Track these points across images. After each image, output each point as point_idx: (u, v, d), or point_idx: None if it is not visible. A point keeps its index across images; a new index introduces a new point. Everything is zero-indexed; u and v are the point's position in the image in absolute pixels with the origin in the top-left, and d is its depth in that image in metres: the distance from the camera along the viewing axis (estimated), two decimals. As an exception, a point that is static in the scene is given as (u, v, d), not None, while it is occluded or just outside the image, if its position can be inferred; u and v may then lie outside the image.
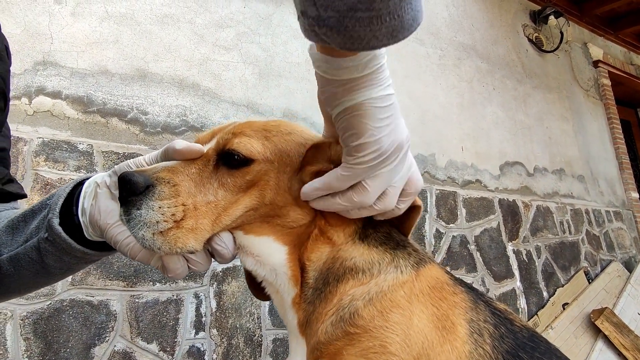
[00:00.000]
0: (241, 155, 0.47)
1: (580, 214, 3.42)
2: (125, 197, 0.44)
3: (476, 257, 2.54)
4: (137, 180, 0.43)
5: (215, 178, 0.47)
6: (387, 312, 0.42)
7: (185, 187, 0.45)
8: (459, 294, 0.47)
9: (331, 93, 0.43)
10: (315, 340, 0.45)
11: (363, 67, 0.40)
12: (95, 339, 1.38)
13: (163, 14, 1.83)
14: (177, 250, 0.43)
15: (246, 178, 0.47)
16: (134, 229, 0.43)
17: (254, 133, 0.49)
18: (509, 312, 0.49)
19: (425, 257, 0.51)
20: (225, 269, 1.69)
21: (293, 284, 0.49)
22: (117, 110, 1.63)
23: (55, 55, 1.54)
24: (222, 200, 0.46)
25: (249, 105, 1.95)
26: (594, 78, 4.32)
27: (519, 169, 3.11)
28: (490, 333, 0.44)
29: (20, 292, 0.55)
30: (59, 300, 1.36)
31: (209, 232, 0.46)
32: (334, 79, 0.41)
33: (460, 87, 2.95)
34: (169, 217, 0.43)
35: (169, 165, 0.47)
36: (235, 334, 1.64)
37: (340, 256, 0.48)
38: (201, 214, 0.45)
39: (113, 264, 1.47)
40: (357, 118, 0.41)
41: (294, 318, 0.49)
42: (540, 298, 2.78)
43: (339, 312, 0.44)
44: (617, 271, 3.39)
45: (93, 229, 0.47)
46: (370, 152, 0.42)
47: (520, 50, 3.59)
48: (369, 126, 0.41)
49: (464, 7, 3.24)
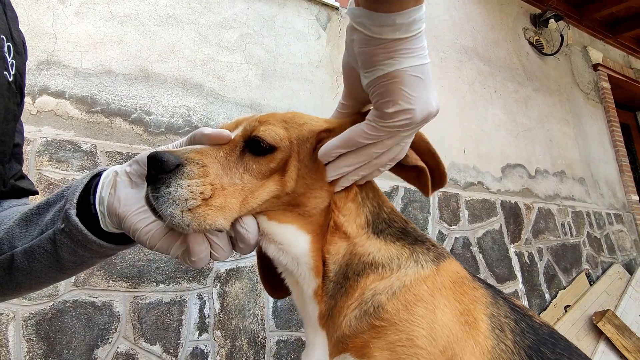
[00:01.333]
0: (267, 142, 0.48)
1: (581, 216, 3.43)
2: (155, 176, 0.43)
3: (479, 259, 2.54)
4: (167, 158, 0.43)
5: (241, 164, 0.48)
6: (412, 306, 0.43)
7: (213, 168, 0.46)
8: (479, 289, 0.47)
9: (371, 53, 0.42)
10: (339, 334, 0.45)
11: (406, 29, 0.40)
12: (98, 341, 1.37)
13: (167, 14, 1.83)
14: (207, 226, 0.43)
15: (270, 165, 0.48)
16: (162, 206, 0.42)
17: (277, 122, 0.50)
18: (527, 308, 0.49)
19: (444, 252, 0.51)
20: (229, 270, 1.68)
21: (314, 275, 0.49)
22: (120, 110, 1.62)
23: (59, 55, 1.54)
24: (248, 184, 0.47)
25: (252, 106, 1.95)
26: (594, 81, 4.34)
27: (520, 171, 3.11)
28: (512, 328, 0.44)
29: (30, 288, 0.54)
30: (61, 301, 1.34)
31: (236, 212, 0.46)
32: (375, 37, 0.41)
33: (461, 89, 2.96)
34: (198, 195, 0.43)
35: (198, 148, 0.47)
36: (239, 336, 1.62)
37: (357, 252, 0.49)
38: (229, 194, 0.45)
39: (116, 264, 1.46)
40: (396, 85, 0.42)
41: (315, 310, 0.49)
42: (543, 300, 2.78)
43: (362, 306, 0.44)
44: (618, 273, 3.39)
45: (111, 218, 0.46)
46: (402, 119, 0.43)
47: (521, 53, 3.60)
48: (406, 95, 0.42)
49: (465, 10, 3.26)
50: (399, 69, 0.41)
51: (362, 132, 0.45)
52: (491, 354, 0.42)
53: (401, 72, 0.41)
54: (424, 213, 2.39)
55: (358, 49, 0.43)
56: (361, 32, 0.42)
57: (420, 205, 2.39)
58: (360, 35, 0.42)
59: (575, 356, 0.45)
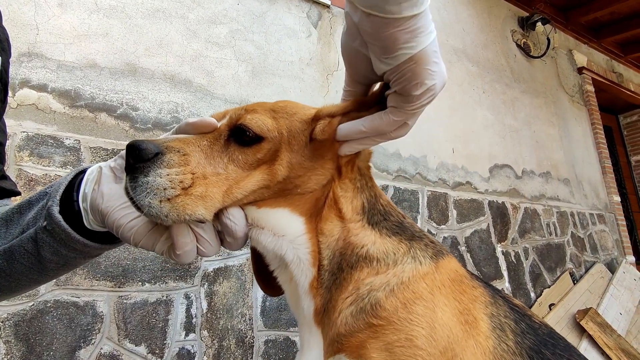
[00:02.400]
0: (252, 132, 0.46)
1: (565, 216, 3.49)
2: (133, 165, 0.41)
3: (466, 258, 2.57)
4: (146, 146, 0.41)
5: (226, 153, 0.46)
6: (411, 304, 0.41)
7: (195, 157, 0.44)
8: (478, 287, 0.46)
9: (391, 38, 0.40)
10: (334, 332, 0.43)
11: (421, 2, 0.39)
12: (81, 342, 1.33)
13: (155, 8, 1.79)
14: (186, 217, 0.40)
15: (257, 156, 0.46)
16: (139, 196, 0.40)
17: (265, 112, 0.48)
18: (526, 308, 0.49)
19: (442, 249, 0.50)
20: (216, 269, 1.66)
21: (311, 263, 0.48)
22: (106, 105, 1.58)
23: (41, 47, 1.49)
24: (233, 173, 0.45)
25: (242, 103, 1.93)
26: (579, 84, 4.43)
27: (507, 171, 3.15)
28: (512, 329, 0.44)
29: (10, 291, 0.51)
30: (42, 302, 1.30)
31: (219, 202, 0.44)
32: (394, 17, 0.39)
33: (451, 89, 2.98)
34: (177, 184, 0.41)
35: (180, 137, 0.45)
36: (227, 336, 1.60)
37: (351, 241, 0.47)
38: (211, 183, 0.43)
39: (100, 263, 1.42)
40: (422, 66, 0.41)
41: (311, 305, 0.48)
42: (528, 299, 2.82)
43: (358, 302, 0.43)
44: (600, 272, 3.48)
45: (94, 215, 0.44)
46: (428, 97, 0.43)
47: (509, 55, 3.65)
48: (429, 72, 0.41)
49: (455, 11, 3.28)
50: (423, 49, 0.40)
51: (390, 122, 0.45)
52: (493, 354, 0.41)
53: (425, 52, 0.41)
54: (413, 212, 2.40)
55: (376, 36, 0.41)
56: (377, 16, 0.39)
57: (410, 204, 2.40)
58: (376, 19, 0.39)
59: (575, 357, 0.45)
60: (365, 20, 0.40)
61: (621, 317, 3.11)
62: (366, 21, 0.40)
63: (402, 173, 2.44)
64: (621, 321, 3.08)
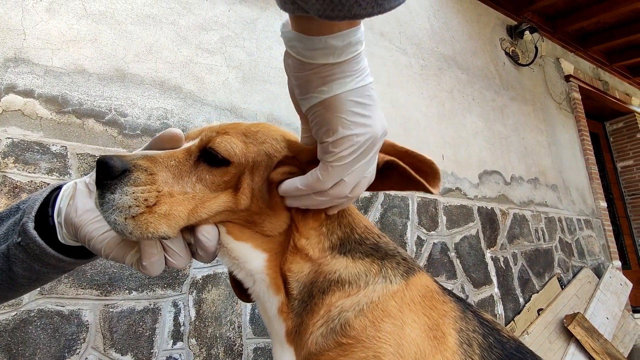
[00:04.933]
0: (220, 155, 0.46)
1: (553, 222, 3.54)
2: (102, 180, 0.43)
3: (456, 264, 2.58)
4: (114, 164, 0.42)
5: (195, 173, 0.47)
6: (379, 322, 0.42)
7: (162, 177, 0.44)
8: (448, 302, 0.47)
9: (304, 79, 0.40)
10: (306, 352, 0.44)
11: (340, 53, 0.38)
12: (65, 352, 1.30)
13: (144, 14, 1.78)
14: (148, 235, 0.41)
15: (223, 178, 0.47)
16: (106, 213, 0.41)
17: (236, 135, 0.49)
18: (496, 322, 0.50)
19: (414, 265, 0.51)
20: (205, 277, 1.65)
21: (274, 292, 0.49)
22: (94, 111, 1.56)
23: (28, 52, 1.47)
24: (200, 193, 0.46)
25: (232, 109, 1.93)
26: (566, 92, 4.52)
27: (496, 177, 3.19)
28: (479, 343, 0.45)
29: None
30: (25, 311, 1.28)
31: (183, 221, 0.44)
32: (307, 62, 0.39)
33: (441, 96, 3.02)
34: (142, 202, 0.42)
35: (149, 154, 0.46)
36: (215, 344, 1.59)
37: (322, 270, 0.48)
38: (176, 202, 0.44)
39: (86, 271, 1.40)
40: (333, 113, 0.40)
41: (281, 327, 0.48)
42: (517, 304, 2.85)
43: (328, 323, 0.44)
44: (587, 277, 3.53)
45: (67, 229, 0.45)
46: (346, 149, 0.40)
47: (497, 62, 3.71)
48: (344, 121, 0.39)
49: (445, 19, 3.33)
50: (335, 95, 0.39)
51: (318, 179, 0.43)
52: None
53: (337, 97, 0.39)
54: (403, 218, 2.41)
55: (293, 74, 0.41)
56: (295, 58, 0.39)
57: (400, 210, 2.41)
58: (294, 60, 0.40)
59: None
60: (288, 58, 0.41)
61: (608, 321, 3.16)
62: (289, 59, 0.41)
63: (392, 179, 2.45)
64: (608, 326, 3.12)
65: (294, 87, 0.42)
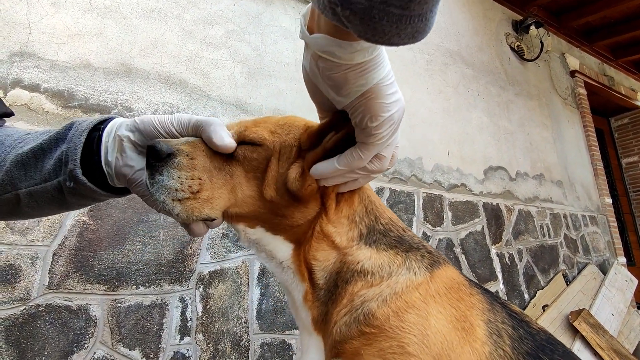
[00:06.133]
0: (252, 140, 0.51)
1: (558, 218, 3.53)
2: (150, 163, 0.47)
3: (462, 260, 2.58)
4: (160, 147, 0.46)
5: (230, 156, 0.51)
6: (403, 313, 0.43)
7: (201, 161, 0.48)
8: (476, 294, 0.47)
9: (342, 79, 0.42)
10: (331, 340, 0.45)
11: (373, 50, 0.41)
12: (74, 346, 1.31)
13: (150, 8, 1.77)
14: (193, 218, 0.47)
15: (253, 155, 0.50)
16: (156, 193, 0.46)
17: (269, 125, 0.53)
18: (524, 314, 0.49)
19: (439, 258, 0.51)
20: (212, 272, 1.64)
21: (300, 280, 0.51)
22: (100, 105, 1.56)
23: (33, 47, 1.47)
24: (236, 172, 0.50)
25: (237, 104, 1.91)
26: (571, 87, 4.48)
27: (502, 173, 3.18)
28: (510, 334, 0.44)
29: (40, 215, 0.59)
30: (34, 306, 1.28)
31: (225, 202, 0.49)
32: (344, 63, 0.41)
33: (446, 92, 3.00)
34: (187, 188, 0.46)
35: (191, 140, 0.50)
36: (222, 339, 1.59)
37: (347, 260, 0.49)
38: (216, 186, 0.48)
39: (94, 266, 1.40)
40: (374, 100, 0.43)
41: (308, 315, 0.50)
42: (522, 300, 2.84)
43: (351, 313, 0.45)
44: (592, 274, 3.51)
45: (119, 180, 0.50)
46: (387, 128, 0.45)
47: (503, 58, 3.68)
48: (384, 105, 0.43)
49: (451, 15, 3.30)
50: (374, 85, 0.42)
51: (360, 157, 0.46)
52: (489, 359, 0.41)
53: (375, 88, 0.43)
54: (408, 214, 2.40)
55: (327, 76, 0.43)
56: (330, 61, 0.41)
57: (405, 206, 2.40)
58: (329, 63, 0.42)
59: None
60: (320, 61, 0.43)
61: (613, 317, 3.15)
62: (320, 62, 0.43)
63: (397, 175, 2.44)
64: (613, 322, 3.11)
65: (330, 87, 0.44)
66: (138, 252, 1.49)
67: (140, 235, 1.51)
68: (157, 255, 1.53)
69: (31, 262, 1.30)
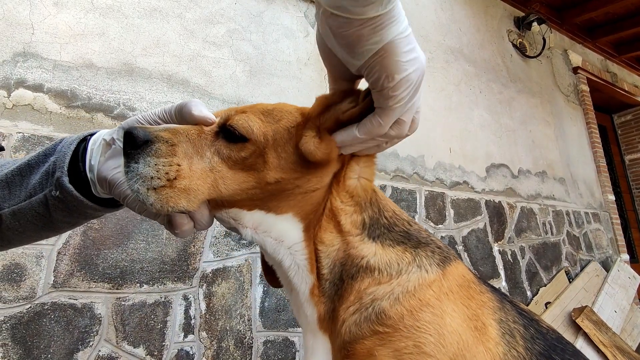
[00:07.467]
0: (237, 131, 0.47)
1: (561, 215, 3.52)
2: (126, 150, 0.44)
3: (464, 257, 2.58)
4: (137, 134, 0.44)
5: (213, 145, 0.48)
6: (417, 312, 0.41)
7: (182, 148, 0.45)
8: (486, 292, 0.46)
9: (355, 36, 0.40)
10: (340, 340, 0.43)
11: (387, 2, 0.38)
12: (79, 344, 1.32)
13: (152, 7, 1.77)
14: (168, 208, 0.43)
15: (241, 154, 0.47)
16: (130, 182, 0.43)
17: (255, 113, 0.49)
18: (533, 313, 0.48)
19: (449, 254, 0.49)
20: (215, 270, 1.65)
21: (309, 270, 0.48)
22: (102, 105, 1.56)
23: (36, 47, 1.47)
24: (217, 167, 0.47)
25: (239, 103, 1.92)
26: (574, 84, 4.46)
27: (504, 171, 3.17)
28: (522, 334, 0.43)
29: (21, 243, 0.56)
30: (39, 304, 1.29)
31: (204, 195, 0.45)
32: (357, 18, 0.39)
33: (448, 89, 2.99)
34: (163, 176, 0.43)
35: (171, 127, 0.47)
36: (225, 337, 1.60)
37: (351, 253, 0.47)
38: (195, 176, 0.45)
39: (98, 265, 1.41)
40: (390, 58, 0.41)
41: (314, 312, 0.48)
42: (525, 297, 2.84)
43: (361, 311, 0.43)
44: (595, 271, 3.51)
45: (101, 185, 0.48)
46: (405, 89, 0.42)
47: (505, 54, 3.67)
48: (400, 63, 0.41)
49: (452, 11, 3.29)
50: (389, 41, 0.40)
51: (379, 122, 0.44)
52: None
53: (390, 44, 0.40)
54: (410, 212, 2.41)
55: (340, 34, 0.41)
56: (342, 17, 0.39)
57: (407, 204, 2.40)
58: (341, 19, 0.40)
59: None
60: (331, 19, 0.41)
61: (616, 314, 3.14)
62: (331, 20, 0.41)
63: (399, 173, 2.44)
64: (616, 319, 3.11)
65: (343, 46, 0.42)
66: (142, 251, 1.50)
67: (143, 233, 1.52)
68: (160, 254, 1.54)
69: (36, 261, 1.31)
